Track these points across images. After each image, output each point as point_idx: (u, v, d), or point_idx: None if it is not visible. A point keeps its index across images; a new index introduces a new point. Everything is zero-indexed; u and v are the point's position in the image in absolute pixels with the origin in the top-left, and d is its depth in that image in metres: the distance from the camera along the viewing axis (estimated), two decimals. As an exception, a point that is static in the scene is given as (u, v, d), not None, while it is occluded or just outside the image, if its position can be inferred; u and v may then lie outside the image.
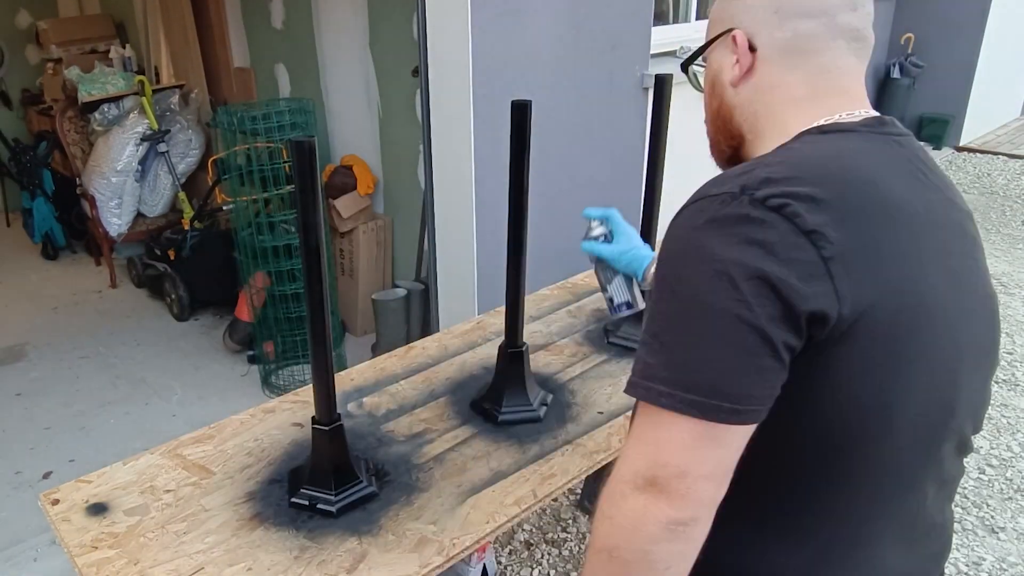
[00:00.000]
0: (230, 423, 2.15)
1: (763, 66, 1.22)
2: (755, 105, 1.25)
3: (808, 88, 1.20)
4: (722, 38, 1.27)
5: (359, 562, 1.63)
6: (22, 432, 4.24)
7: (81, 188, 5.96)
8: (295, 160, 1.52)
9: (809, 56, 1.20)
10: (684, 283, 1.05)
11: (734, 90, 1.27)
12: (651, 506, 1.03)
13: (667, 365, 1.04)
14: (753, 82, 1.24)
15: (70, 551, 1.67)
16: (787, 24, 1.19)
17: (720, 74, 1.29)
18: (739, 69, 1.24)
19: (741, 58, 1.23)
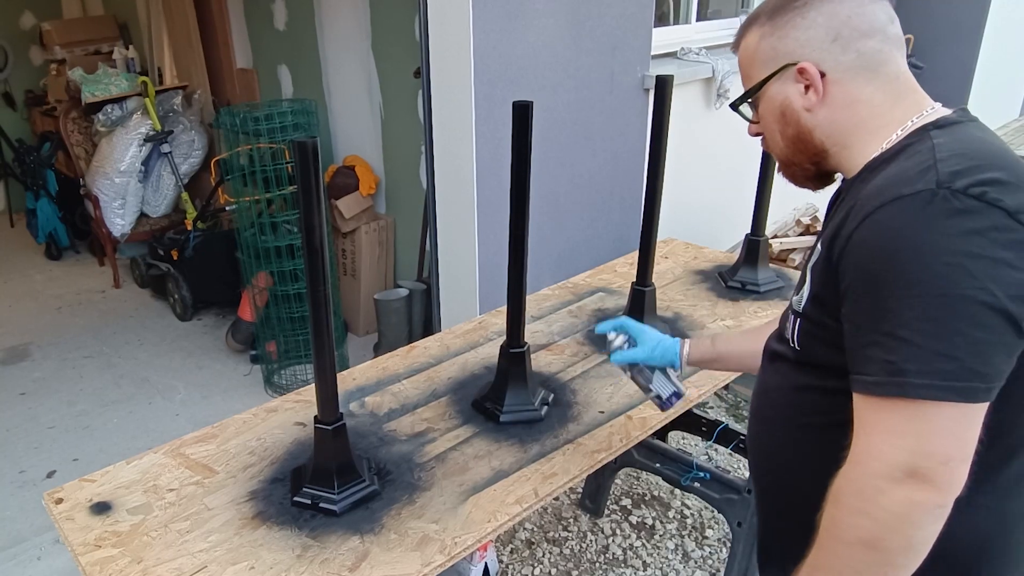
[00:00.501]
0: (233, 422, 2.15)
1: (836, 87, 1.34)
2: (837, 122, 1.36)
3: (886, 95, 1.33)
4: (781, 73, 1.38)
5: (361, 561, 1.63)
6: (26, 431, 4.24)
7: (85, 188, 5.97)
8: (297, 161, 1.52)
9: (878, 69, 1.33)
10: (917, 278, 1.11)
11: (809, 114, 1.37)
12: (917, 496, 1.11)
13: (916, 358, 1.10)
14: (829, 103, 1.35)
15: (74, 550, 1.67)
16: (850, 47, 1.32)
17: (790, 103, 1.39)
18: (815, 95, 1.35)
19: (814, 83, 1.34)
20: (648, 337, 2.01)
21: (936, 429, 1.10)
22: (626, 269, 3.19)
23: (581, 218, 3.98)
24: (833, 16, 1.33)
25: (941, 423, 1.10)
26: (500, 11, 3.25)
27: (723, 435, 3.28)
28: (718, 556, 3.29)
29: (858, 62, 1.33)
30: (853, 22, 1.33)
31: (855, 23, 1.33)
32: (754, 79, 1.43)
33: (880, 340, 1.14)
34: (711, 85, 4.45)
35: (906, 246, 1.12)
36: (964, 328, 1.08)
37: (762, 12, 1.42)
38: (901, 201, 1.14)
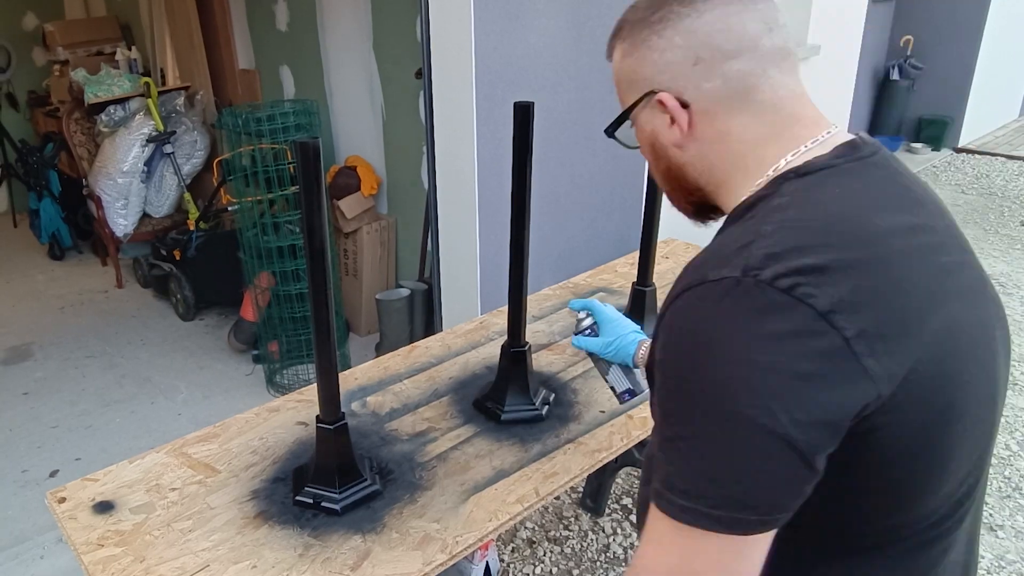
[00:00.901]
0: (235, 422, 2.15)
1: (703, 119, 1.11)
2: (709, 158, 1.14)
3: (761, 126, 1.10)
4: (644, 101, 1.18)
5: (363, 560, 1.63)
6: (28, 431, 4.24)
7: (87, 189, 5.97)
8: (299, 161, 1.52)
9: (748, 95, 1.09)
10: (697, 385, 0.95)
11: (679, 150, 1.16)
12: None
13: (685, 475, 0.96)
14: (698, 137, 1.13)
15: (76, 549, 1.67)
16: (713, 72, 1.08)
17: (658, 137, 1.18)
18: (678, 129, 1.13)
19: (677, 118, 1.12)
20: (610, 330, 1.92)
21: (700, 554, 0.96)
22: (627, 269, 3.19)
23: (582, 218, 3.98)
24: (692, 35, 1.09)
25: (706, 550, 0.95)
26: (501, 12, 3.25)
27: (723, 434, 3.28)
28: (718, 555, 3.29)
29: (724, 89, 1.09)
30: (715, 40, 1.08)
31: (717, 42, 1.08)
32: (623, 103, 1.26)
33: (662, 445, 1.00)
34: (711, 86, 4.45)
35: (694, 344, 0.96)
36: (738, 452, 0.91)
37: (624, 23, 1.24)
38: (703, 288, 0.97)
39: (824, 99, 5.72)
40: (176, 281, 5.46)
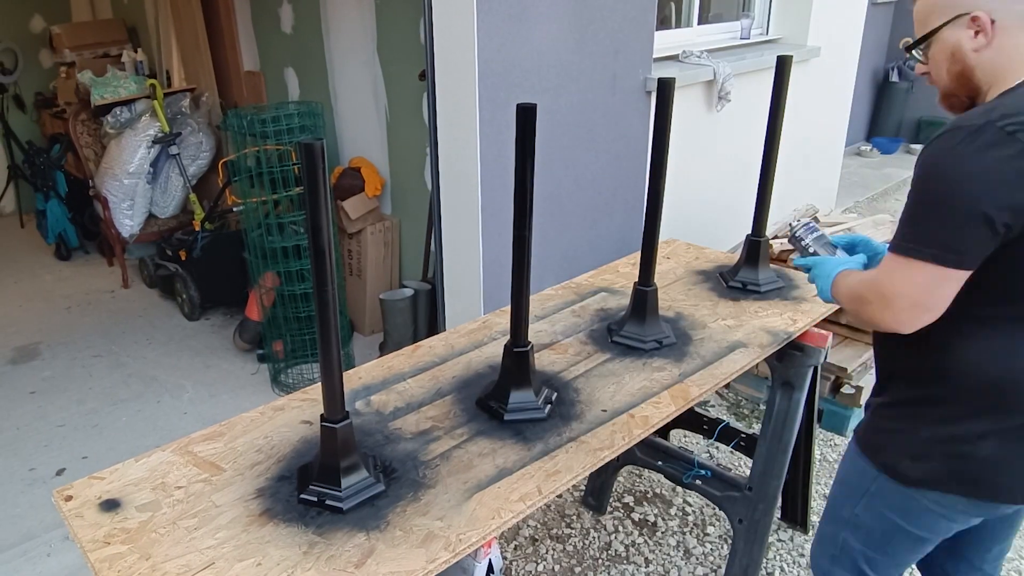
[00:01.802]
0: (240, 421, 2.15)
1: (1004, 35, 1.62)
2: (997, 63, 1.64)
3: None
4: (955, 21, 1.66)
5: (367, 557, 1.63)
6: (36, 429, 4.25)
7: (94, 190, 5.98)
8: (304, 162, 1.52)
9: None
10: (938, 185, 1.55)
11: (976, 55, 1.65)
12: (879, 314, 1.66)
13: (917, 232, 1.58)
14: (994, 46, 1.63)
15: (83, 546, 1.67)
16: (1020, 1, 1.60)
17: (960, 46, 1.67)
18: (982, 38, 1.63)
19: (986, 30, 1.62)
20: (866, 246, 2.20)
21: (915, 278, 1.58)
22: (628, 269, 3.19)
23: (584, 219, 3.98)
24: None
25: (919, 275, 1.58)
26: (504, 15, 3.25)
27: (724, 433, 3.28)
28: (719, 553, 3.29)
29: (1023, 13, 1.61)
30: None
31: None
32: (928, 25, 1.72)
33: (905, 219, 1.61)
34: (712, 88, 4.45)
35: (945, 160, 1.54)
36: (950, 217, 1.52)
37: None
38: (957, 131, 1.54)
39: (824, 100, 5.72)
40: (182, 281, 5.46)
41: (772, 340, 2.57)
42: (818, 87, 5.51)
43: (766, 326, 2.66)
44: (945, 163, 1.53)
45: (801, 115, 5.25)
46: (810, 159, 5.77)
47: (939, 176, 1.54)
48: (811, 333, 2.69)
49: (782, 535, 3.39)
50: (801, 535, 3.38)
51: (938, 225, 1.54)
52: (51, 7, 7.71)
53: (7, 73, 7.48)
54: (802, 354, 2.72)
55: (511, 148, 1.93)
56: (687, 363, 2.45)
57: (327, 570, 1.60)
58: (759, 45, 5.24)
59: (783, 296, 2.89)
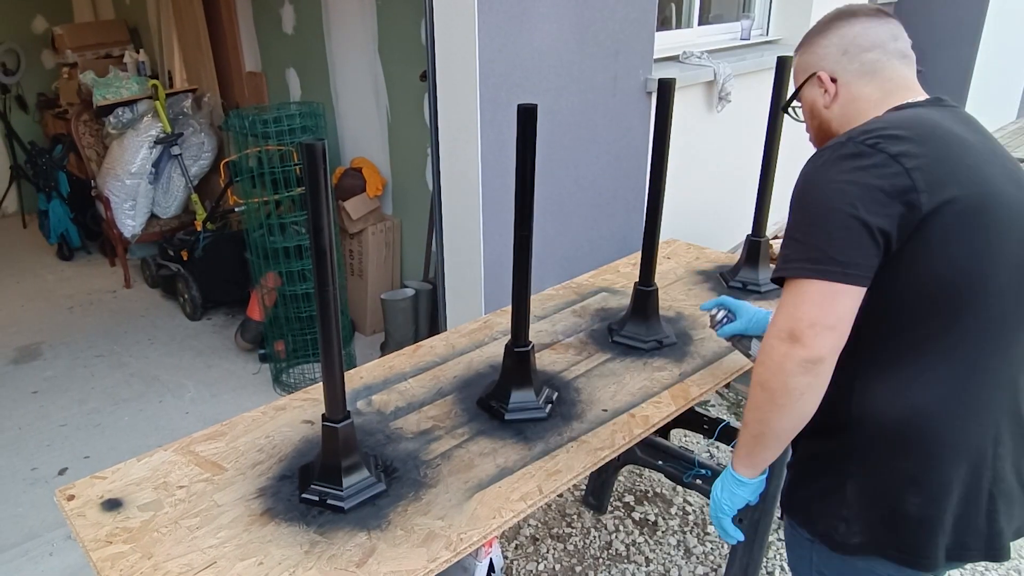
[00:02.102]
0: (242, 420, 2.15)
1: (844, 89, 1.76)
2: (846, 115, 1.76)
3: (881, 92, 1.72)
4: (809, 81, 1.81)
5: (368, 556, 1.63)
6: (38, 429, 4.25)
7: (96, 190, 5.98)
8: (306, 163, 1.52)
9: (877, 73, 1.73)
10: (812, 199, 1.57)
11: (827, 111, 1.79)
12: (791, 351, 1.51)
13: (798, 251, 1.55)
14: (840, 101, 1.77)
15: (85, 546, 1.68)
16: (855, 59, 1.74)
17: (815, 103, 1.82)
18: (828, 96, 1.78)
19: (828, 88, 1.77)
20: (744, 311, 2.34)
21: (806, 299, 1.51)
22: (629, 269, 3.19)
23: (584, 219, 3.98)
24: (843, 36, 1.75)
25: (809, 295, 1.51)
26: (505, 15, 3.25)
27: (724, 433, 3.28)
28: (719, 552, 3.29)
29: (861, 68, 1.74)
30: (858, 40, 1.74)
31: (859, 41, 1.74)
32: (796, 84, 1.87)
33: (785, 243, 1.60)
34: (712, 88, 4.45)
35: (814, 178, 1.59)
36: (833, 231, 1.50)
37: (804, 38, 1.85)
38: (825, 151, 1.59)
39: (824, 101, 5.71)
40: (184, 281, 5.46)
41: (772, 340, 2.56)
42: (818, 88, 5.50)
43: (766, 326, 2.66)
44: (816, 179, 1.58)
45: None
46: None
47: (812, 193, 1.57)
48: (811, 333, 2.68)
49: (782, 534, 3.39)
50: (801, 534, 3.38)
51: (820, 240, 1.51)
52: (53, 8, 7.71)
53: (9, 74, 7.48)
54: (802, 354, 2.71)
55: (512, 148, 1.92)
56: (687, 363, 2.45)
57: (328, 569, 1.60)
58: (759, 46, 5.23)
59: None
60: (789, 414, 1.58)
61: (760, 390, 1.60)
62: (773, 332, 1.55)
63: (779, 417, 1.59)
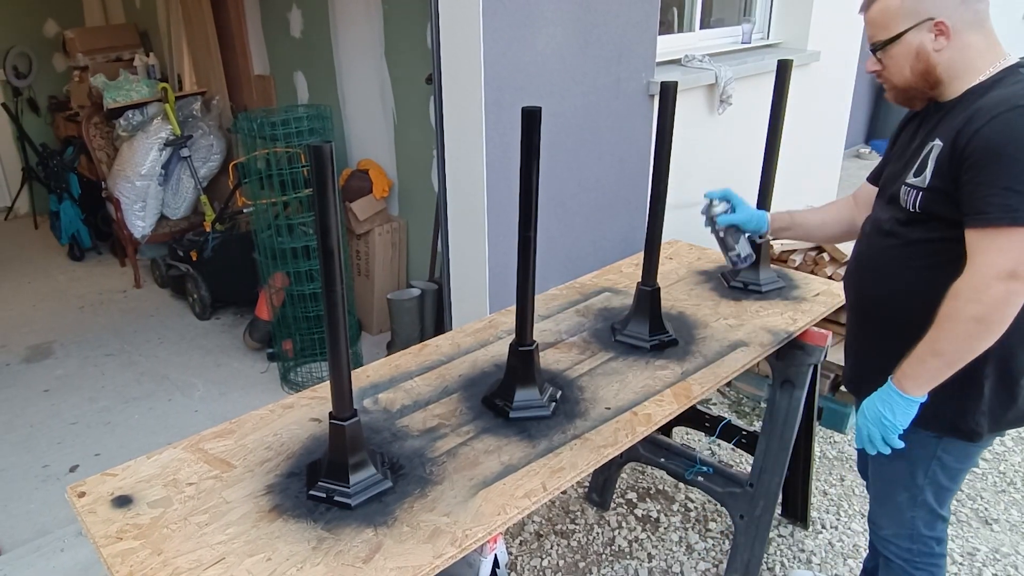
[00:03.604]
0: (250, 418, 2.15)
1: (958, 37, 1.89)
2: (954, 60, 1.92)
3: (986, 43, 1.92)
4: (919, 26, 1.90)
5: (375, 552, 1.63)
6: (49, 427, 4.25)
7: (106, 191, 5.99)
8: (313, 164, 1.52)
9: (982, 24, 1.91)
10: None
11: (938, 54, 1.91)
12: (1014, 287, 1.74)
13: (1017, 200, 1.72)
14: (951, 46, 1.90)
15: (96, 542, 1.68)
16: (970, 7, 1.88)
17: (923, 47, 1.92)
18: (944, 41, 1.89)
19: (948, 34, 1.88)
20: (745, 206, 2.61)
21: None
22: (631, 270, 3.19)
23: (588, 220, 3.98)
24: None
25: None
26: (509, 20, 3.25)
27: (726, 431, 3.28)
28: (721, 548, 3.29)
29: (973, 18, 1.88)
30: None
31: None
32: (892, 30, 1.95)
33: (999, 192, 1.74)
34: (714, 91, 4.44)
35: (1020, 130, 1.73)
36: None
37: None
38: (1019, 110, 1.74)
39: (824, 103, 5.70)
40: (193, 281, 5.47)
41: (773, 339, 2.57)
42: (818, 90, 5.50)
43: (767, 325, 2.65)
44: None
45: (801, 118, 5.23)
46: (810, 161, 5.76)
47: None
48: (811, 332, 2.69)
49: (783, 531, 3.38)
50: (801, 531, 3.38)
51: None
52: (65, 12, 7.72)
53: (22, 77, 7.50)
54: (802, 353, 2.72)
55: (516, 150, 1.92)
56: (689, 362, 2.44)
57: (336, 565, 1.60)
58: (760, 49, 5.23)
59: (783, 296, 2.89)
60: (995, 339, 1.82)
61: (976, 324, 1.80)
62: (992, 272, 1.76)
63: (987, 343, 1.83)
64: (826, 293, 2.92)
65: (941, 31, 1.89)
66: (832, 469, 3.76)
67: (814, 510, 3.47)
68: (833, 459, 3.84)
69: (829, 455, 3.87)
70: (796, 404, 2.79)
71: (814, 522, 3.43)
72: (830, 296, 2.89)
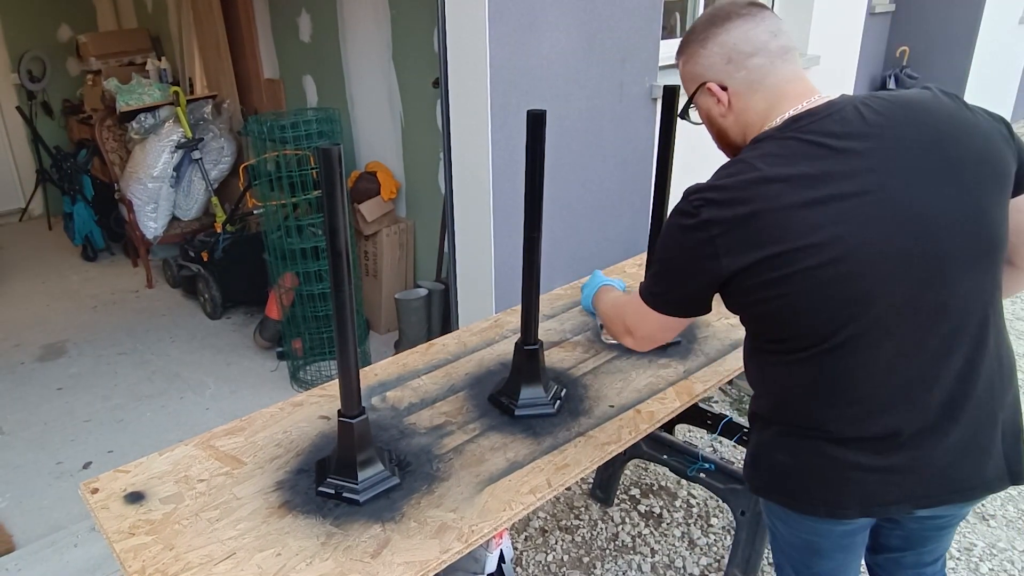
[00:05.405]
0: (260, 416, 2.15)
1: (736, 98, 1.68)
2: (739, 124, 1.71)
3: (767, 103, 1.65)
4: (700, 90, 1.73)
5: (383, 547, 1.64)
6: (63, 425, 4.26)
7: (119, 193, 5.99)
8: (322, 166, 1.52)
9: (762, 80, 1.64)
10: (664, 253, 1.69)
11: (723, 119, 1.73)
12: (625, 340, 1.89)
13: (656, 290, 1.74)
14: (733, 110, 1.69)
15: (109, 537, 1.68)
16: (741, 66, 1.64)
17: (710, 112, 1.75)
18: (723, 106, 1.70)
19: (721, 98, 1.69)
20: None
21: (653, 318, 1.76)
22: (635, 270, 3.19)
23: (592, 221, 3.98)
24: (723, 44, 1.65)
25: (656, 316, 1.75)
26: (515, 24, 3.25)
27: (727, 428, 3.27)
28: (723, 543, 3.28)
29: (748, 77, 1.65)
30: (739, 46, 1.64)
31: (741, 47, 1.63)
32: (687, 92, 1.79)
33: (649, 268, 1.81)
34: (716, 94, 4.44)
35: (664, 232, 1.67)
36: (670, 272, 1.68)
37: (682, 44, 1.75)
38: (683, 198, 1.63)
39: (824, 107, 5.69)
40: (204, 281, 5.47)
41: (774, 338, 2.56)
42: (818, 93, 5.49)
43: (768, 325, 2.65)
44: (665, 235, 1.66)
45: (802, 121, 5.23)
46: (810, 163, 5.75)
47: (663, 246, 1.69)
48: (812, 332, 2.68)
49: (784, 527, 3.38)
50: (802, 527, 3.37)
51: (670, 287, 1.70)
52: (78, 17, 7.73)
53: (36, 81, 7.51)
54: (803, 352, 2.71)
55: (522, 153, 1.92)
56: (691, 360, 2.44)
57: (344, 560, 1.60)
58: (761, 53, 5.22)
59: (785, 296, 2.89)
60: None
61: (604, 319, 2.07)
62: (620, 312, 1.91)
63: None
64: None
65: (716, 95, 1.69)
66: (832, 466, 3.75)
67: (814, 507, 3.46)
68: (833, 456, 3.83)
69: (829, 452, 3.86)
70: (797, 402, 2.78)
71: (814, 518, 3.42)
72: (830, 296, 2.88)
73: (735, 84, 1.66)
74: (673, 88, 2.28)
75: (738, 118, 1.69)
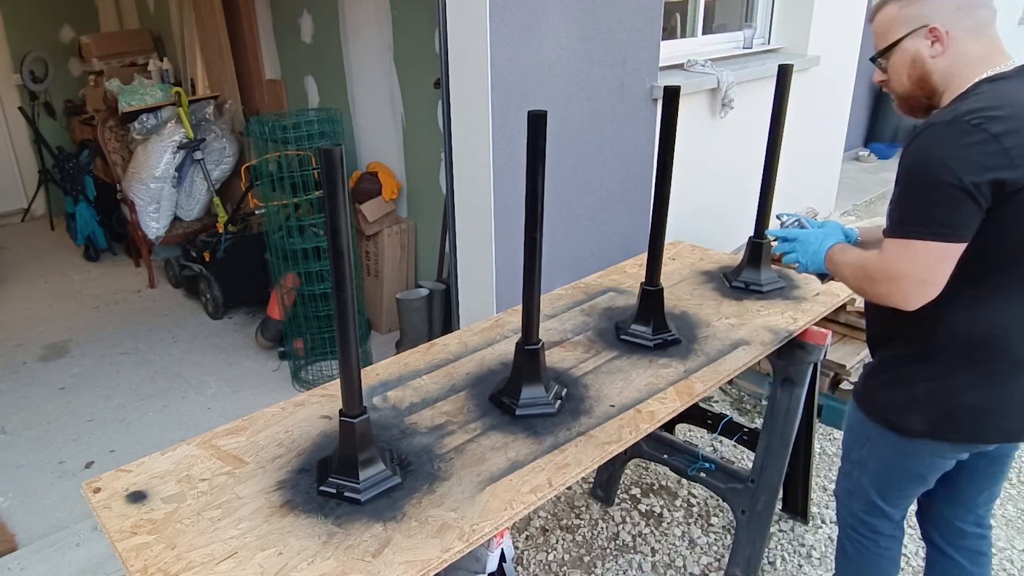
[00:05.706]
0: (262, 416, 2.15)
1: (955, 44, 1.85)
2: (949, 68, 1.87)
3: (985, 51, 1.85)
4: (915, 33, 1.88)
5: (384, 547, 1.64)
6: (65, 424, 4.26)
7: (121, 193, 6.00)
8: (324, 167, 1.52)
9: (983, 31, 1.85)
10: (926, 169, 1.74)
11: (933, 61, 1.88)
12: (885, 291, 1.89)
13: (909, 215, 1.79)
14: (949, 55, 1.86)
15: (111, 536, 1.68)
16: (969, 15, 1.84)
17: (919, 54, 1.90)
18: (940, 48, 1.86)
19: (943, 40, 1.85)
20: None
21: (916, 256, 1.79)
22: (635, 270, 3.18)
23: (592, 221, 3.98)
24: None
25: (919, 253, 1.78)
26: (516, 25, 3.25)
27: (728, 428, 3.28)
28: (723, 543, 3.28)
29: (973, 25, 1.84)
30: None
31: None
32: (891, 37, 1.94)
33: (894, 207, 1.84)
34: (716, 95, 4.44)
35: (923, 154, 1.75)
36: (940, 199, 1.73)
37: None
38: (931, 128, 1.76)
39: (824, 107, 5.70)
40: (206, 281, 5.47)
41: (773, 338, 2.56)
42: (818, 95, 5.50)
43: (768, 324, 2.65)
44: (928, 153, 1.75)
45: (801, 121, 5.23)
46: (810, 164, 5.76)
47: (924, 164, 1.75)
48: (811, 331, 2.68)
49: (783, 525, 3.38)
50: (802, 526, 3.37)
51: (931, 206, 1.75)
52: (80, 18, 7.74)
53: (38, 81, 7.51)
54: (802, 351, 2.71)
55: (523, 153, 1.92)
56: (692, 360, 2.44)
57: (345, 559, 1.60)
58: (761, 54, 5.22)
59: (784, 296, 2.89)
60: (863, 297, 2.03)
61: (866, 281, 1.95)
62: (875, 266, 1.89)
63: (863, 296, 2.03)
64: (826, 293, 2.91)
65: (937, 37, 1.86)
66: (832, 465, 3.76)
67: (814, 505, 3.46)
68: (833, 455, 3.83)
69: (829, 451, 3.87)
70: (796, 402, 2.79)
71: (814, 517, 3.42)
72: (830, 296, 2.88)
73: (958, 30, 1.84)
74: (673, 89, 2.29)
75: (950, 61, 1.86)
